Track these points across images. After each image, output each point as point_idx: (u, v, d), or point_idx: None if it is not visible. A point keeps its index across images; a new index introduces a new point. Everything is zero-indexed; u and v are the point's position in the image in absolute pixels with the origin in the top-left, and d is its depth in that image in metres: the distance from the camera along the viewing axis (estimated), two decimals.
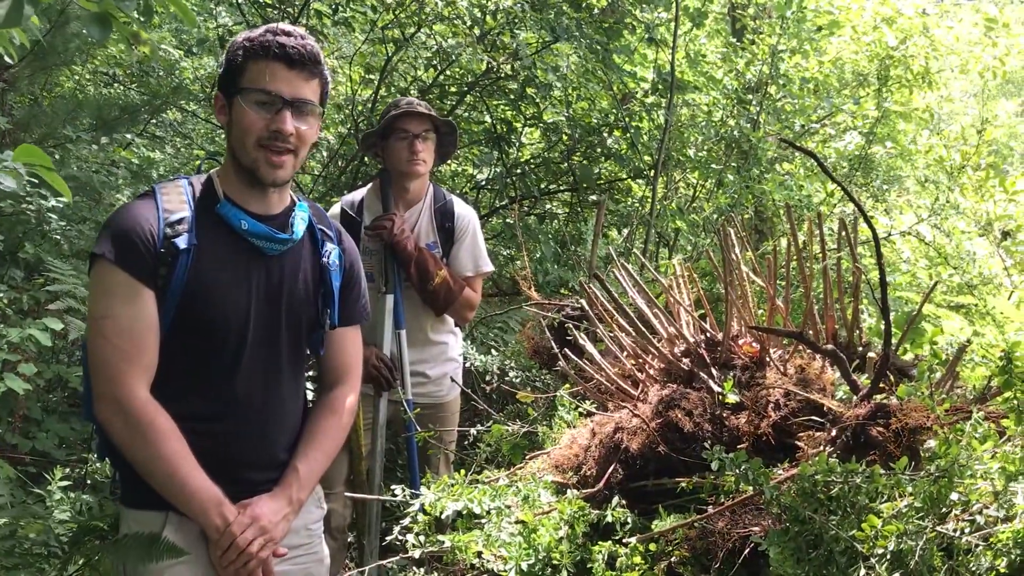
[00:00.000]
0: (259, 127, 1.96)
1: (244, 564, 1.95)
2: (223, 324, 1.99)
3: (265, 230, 2.02)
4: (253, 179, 2.01)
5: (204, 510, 1.93)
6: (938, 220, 6.31)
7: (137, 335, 1.91)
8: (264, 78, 1.94)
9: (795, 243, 2.62)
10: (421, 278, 3.34)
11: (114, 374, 1.89)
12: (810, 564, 1.73)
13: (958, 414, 2.01)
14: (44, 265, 4.13)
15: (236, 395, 2.03)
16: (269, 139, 1.96)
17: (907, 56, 6.92)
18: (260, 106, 1.95)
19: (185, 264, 1.93)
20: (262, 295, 2.04)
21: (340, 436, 2.22)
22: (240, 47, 1.97)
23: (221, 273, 1.98)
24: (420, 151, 3.33)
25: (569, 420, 2.77)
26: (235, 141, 2.00)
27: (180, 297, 1.94)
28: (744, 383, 2.34)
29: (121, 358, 1.89)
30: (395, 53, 5.67)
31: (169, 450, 1.90)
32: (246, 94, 1.96)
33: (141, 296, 1.91)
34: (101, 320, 1.91)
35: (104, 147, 6.03)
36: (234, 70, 1.98)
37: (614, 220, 6.45)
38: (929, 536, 1.62)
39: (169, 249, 1.92)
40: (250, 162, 1.98)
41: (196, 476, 1.93)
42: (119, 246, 1.90)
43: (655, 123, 6.18)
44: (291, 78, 1.96)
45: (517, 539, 2.22)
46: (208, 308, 1.97)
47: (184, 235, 1.94)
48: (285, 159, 1.99)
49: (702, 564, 2.00)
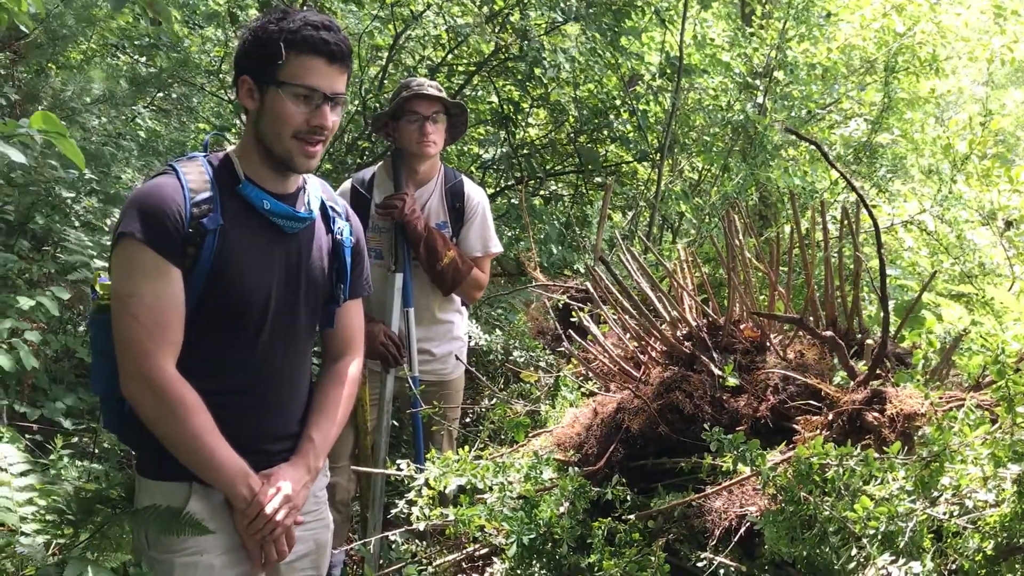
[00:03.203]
0: (299, 121, 1.97)
1: (271, 531, 2.02)
2: (247, 302, 2.03)
3: (286, 209, 2.06)
4: (285, 167, 2.04)
5: (232, 482, 1.99)
6: (941, 210, 6.33)
7: (163, 313, 1.93)
8: (307, 73, 1.95)
9: (798, 230, 2.66)
10: (430, 258, 3.38)
11: (141, 351, 1.92)
12: (804, 543, 1.78)
13: (952, 401, 2.05)
14: (53, 235, 4.17)
15: (258, 370, 2.08)
16: (309, 132, 1.98)
17: (915, 43, 6.92)
18: (301, 100, 1.97)
19: (212, 244, 1.96)
20: (283, 273, 2.08)
21: (348, 405, 2.28)
22: (279, 37, 1.95)
23: (245, 252, 2.02)
24: (430, 133, 3.36)
25: (572, 400, 2.82)
26: (268, 130, 2.01)
27: (206, 276, 1.97)
28: (744, 367, 2.38)
29: (147, 336, 1.92)
30: (403, 31, 5.68)
31: (197, 424, 1.94)
32: (286, 87, 1.96)
33: (168, 275, 1.93)
34: (127, 298, 1.93)
35: (112, 119, 6.05)
36: (270, 59, 1.96)
37: (619, 203, 6.48)
38: (920, 518, 1.67)
39: (197, 229, 1.95)
40: (283, 151, 2.01)
41: (222, 449, 1.97)
42: (147, 225, 1.92)
43: (662, 106, 6.20)
44: (331, 73, 1.97)
45: (519, 514, 2.27)
46: (233, 287, 2.00)
47: (211, 215, 1.97)
48: (318, 149, 2.02)
49: (699, 542, 2.06)
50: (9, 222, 4.44)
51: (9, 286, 3.86)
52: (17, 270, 3.90)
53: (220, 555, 2.04)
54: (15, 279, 3.89)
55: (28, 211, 4.47)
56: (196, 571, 2.02)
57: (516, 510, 2.31)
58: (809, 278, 2.53)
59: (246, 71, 2.02)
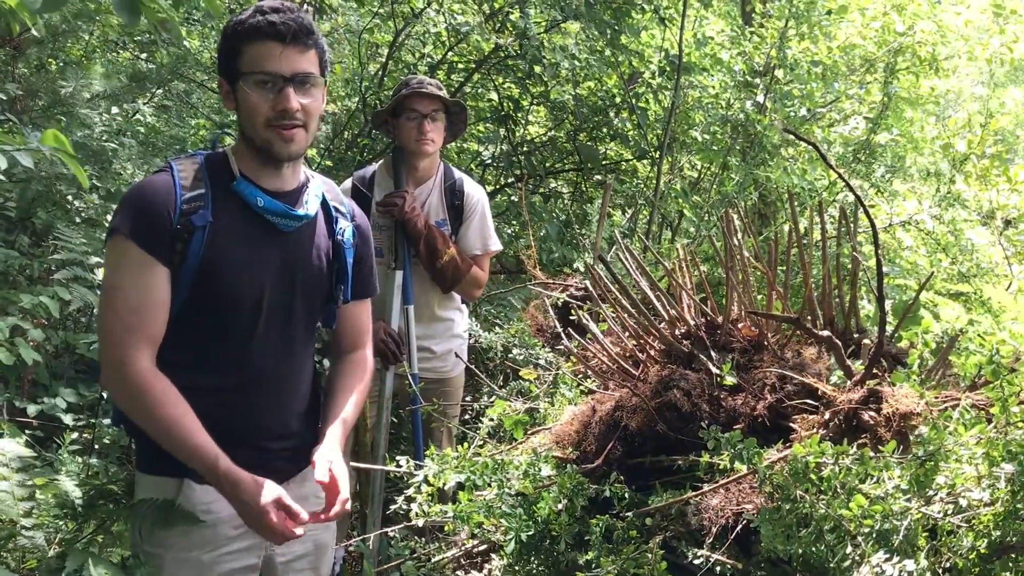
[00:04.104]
0: (265, 108, 1.97)
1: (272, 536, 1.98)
2: (238, 299, 2.03)
3: (280, 207, 2.06)
4: (268, 157, 2.04)
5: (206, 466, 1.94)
6: (939, 210, 6.34)
7: (144, 308, 1.95)
8: (260, 59, 1.95)
9: (796, 230, 2.67)
10: (430, 256, 3.39)
11: (117, 343, 1.94)
12: (799, 541, 1.80)
13: (947, 401, 2.07)
14: (54, 232, 4.18)
15: (252, 367, 2.08)
16: (277, 118, 1.98)
17: (915, 43, 6.92)
18: (262, 87, 1.97)
19: (201, 240, 1.97)
20: (277, 271, 2.08)
21: (366, 390, 2.31)
22: (232, 31, 1.98)
23: (237, 249, 2.02)
24: (429, 131, 3.38)
25: (571, 397, 2.83)
26: (245, 123, 2.02)
27: (196, 273, 1.98)
28: (742, 366, 2.39)
29: (124, 328, 1.94)
30: (404, 29, 5.69)
31: (166, 415, 1.93)
32: (246, 78, 1.97)
33: (153, 271, 1.95)
34: (112, 291, 1.96)
35: (113, 116, 6.06)
36: (231, 55, 1.99)
37: (618, 201, 6.49)
38: (915, 517, 1.68)
39: (186, 226, 1.96)
40: (262, 142, 2.01)
41: (195, 436, 1.94)
42: (136, 222, 1.94)
43: (661, 104, 6.20)
44: (287, 54, 1.96)
45: (517, 511, 2.28)
46: (224, 284, 2.01)
47: (200, 212, 1.98)
48: (295, 132, 2.01)
49: (696, 539, 2.07)
50: (10, 218, 4.45)
51: (10, 282, 3.87)
52: (18, 266, 3.91)
53: (211, 551, 2.05)
54: (16, 275, 3.90)
55: (29, 207, 4.48)
56: (187, 566, 2.04)
57: (514, 507, 2.32)
58: (807, 278, 2.54)
59: (221, 73, 2.04)
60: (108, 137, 5.52)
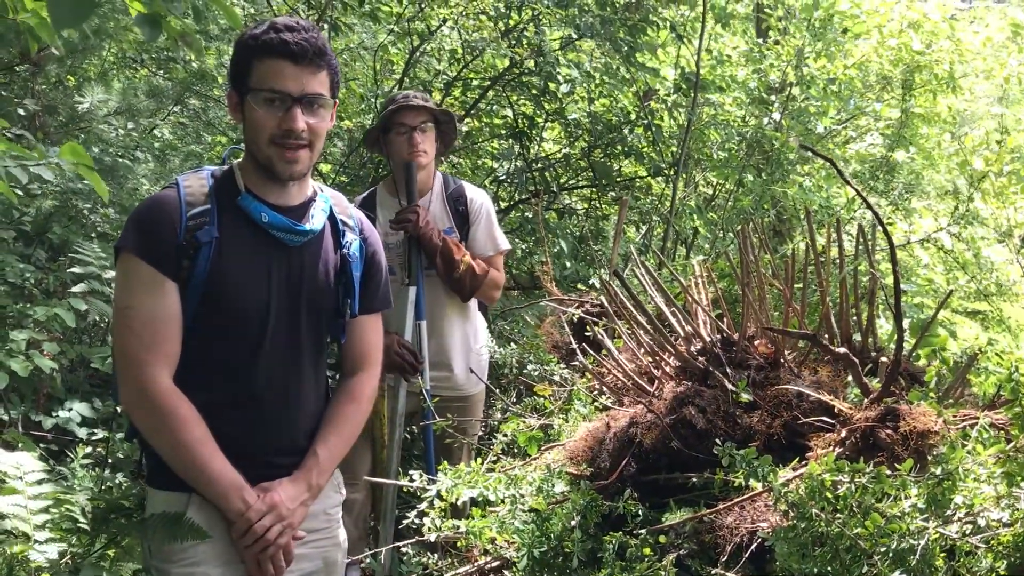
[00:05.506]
0: (271, 126, 1.98)
1: (263, 549, 2.00)
2: (244, 315, 2.03)
3: (285, 222, 2.05)
4: (270, 174, 2.04)
5: (225, 495, 1.98)
6: (958, 228, 6.30)
7: (159, 325, 1.95)
8: (271, 77, 1.96)
9: (813, 247, 2.66)
10: (447, 268, 3.40)
11: (136, 363, 1.94)
12: (815, 560, 1.78)
13: (966, 420, 2.05)
14: (69, 246, 4.20)
15: (258, 383, 2.07)
16: (282, 137, 1.98)
17: (932, 61, 6.90)
18: (270, 105, 1.97)
19: (207, 256, 1.97)
20: (283, 286, 2.07)
21: (359, 422, 2.26)
22: (244, 45, 1.98)
23: (242, 265, 2.02)
24: (419, 143, 3.39)
25: (585, 413, 2.82)
26: (249, 138, 2.03)
27: (202, 288, 1.98)
28: (758, 383, 2.38)
29: (143, 347, 1.94)
30: (419, 47, 5.71)
31: (190, 437, 1.94)
32: (255, 94, 1.97)
33: (163, 288, 1.95)
34: (125, 310, 1.96)
35: (129, 132, 6.11)
36: (242, 69, 1.99)
37: (633, 217, 6.48)
38: (932, 537, 1.66)
39: (191, 242, 1.96)
40: (265, 159, 2.02)
41: (216, 462, 1.97)
42: (142, 239, 1.95)
43: (676, 121, 6.20)
44: (297, 74, 1.96)
45: (530, 527, 2.27)
46: (229, 299, 2.01)
47: (206, 228, 1.98)
48: (300, 154, 2.01)
49: (710, 557, 2.05)
50: (26, 232, 4.49)
51: (26, 296, 3.90)
52: (34, 280, 3.94)
53: (218, 566, 2.04)
54: (32, 289, 3.93)
55: (45, 221, 4.52)
56: None
57: (527, 523, 2.31)
58: (824, 295, 2.53)
59: (231, 85, 2.05)
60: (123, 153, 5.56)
